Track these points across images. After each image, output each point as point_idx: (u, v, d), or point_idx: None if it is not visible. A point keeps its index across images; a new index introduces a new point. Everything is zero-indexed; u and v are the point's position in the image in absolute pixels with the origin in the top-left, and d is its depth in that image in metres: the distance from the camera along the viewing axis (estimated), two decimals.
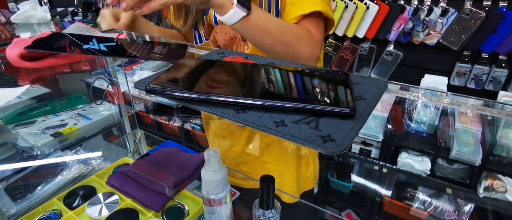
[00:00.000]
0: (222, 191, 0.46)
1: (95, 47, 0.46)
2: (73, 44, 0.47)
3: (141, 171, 0.63)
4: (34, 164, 0.73)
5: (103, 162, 0.76)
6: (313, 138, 0.27)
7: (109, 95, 0.91)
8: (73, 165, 0.72)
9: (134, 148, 0.88)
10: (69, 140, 0.81)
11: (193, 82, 0.35)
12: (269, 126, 0.29)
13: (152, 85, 0.34)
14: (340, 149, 0.25)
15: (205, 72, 0.38)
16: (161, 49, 0.49)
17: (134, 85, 0.39)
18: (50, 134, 0.80)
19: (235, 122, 0.30)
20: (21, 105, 0.86)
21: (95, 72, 0.85)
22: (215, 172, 0.44)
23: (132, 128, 0.91)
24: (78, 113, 0.91)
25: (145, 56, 0.45)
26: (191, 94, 0.32)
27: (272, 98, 0.31)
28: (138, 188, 0.61)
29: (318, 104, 0.30)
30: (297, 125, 0.29)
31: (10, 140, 0.73)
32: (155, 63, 1.82)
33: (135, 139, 0.89)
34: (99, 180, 0.66)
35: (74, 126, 0.84)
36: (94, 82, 0.82)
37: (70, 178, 0.69)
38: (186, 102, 0.32)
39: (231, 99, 0.31)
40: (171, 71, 0.38)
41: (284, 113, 0.30)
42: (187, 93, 0.32)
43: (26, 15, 0.91)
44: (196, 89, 0.32)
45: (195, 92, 0.32)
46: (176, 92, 0.33)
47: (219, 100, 0.31)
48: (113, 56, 0.63)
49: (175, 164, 0.64)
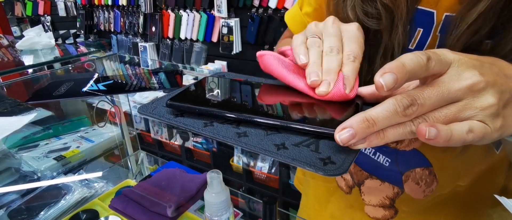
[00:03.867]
0: (225, 213, 0.46)
1: (94, 88, 0.47)
2: (73, 89, 0.48)
3: (144, 193, 0.63)
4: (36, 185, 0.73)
5: (106, 184, 0.76)
6: (313, 161, 0.27)
7: (111, 115, 0.92)
8: (76, 188, 0.72)
9: (137, 170, 0.88)
10: (71, 163, 0.82)
11: (214, 101, 0.36)
12: (270, 149, 0.29)
13: (173, 102, 0.35)
14: (340, 171, 0.26)
15: (225, 92, 0.39)
16: (157, 80, 0.50)
17: (138, 110, 0.40)
18: (53, 157, 0.80)
19: (236, 146, 0.30)
20: (24, 129, 0.87)
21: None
22: (218, 193, 0.44)
23: (134, 148, 0.92)
24: (80, 136, 0.92)
25: (143, 88, 0.47)
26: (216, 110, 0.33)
27: (281, 118, 0.32)
28: (141, 210, 0.61)
29: (318, 126, 0.31)
30: (298, 148, 0.29)
31: (13, 165, 0.73)
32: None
33: (137, 160, 0.90)
34: (101, 204, 0.66)
35: (77, 148, 0.85)
36: (97, 104, 0.83)
37: (73, 202, 0.69)
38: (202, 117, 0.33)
39: (263, 119, 0.32)
40: (190, 91, 0.39)
41: (285, 135, 0.31)
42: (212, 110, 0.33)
43: (31, 42, 0.93)
44: (218, 107, 0.34)
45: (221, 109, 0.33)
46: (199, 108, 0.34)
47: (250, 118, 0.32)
48: (113, 94, 0.64)
49: (177, 186, 0.65)
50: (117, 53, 0.98)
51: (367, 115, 0.24)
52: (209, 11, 1.87)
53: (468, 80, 0.25)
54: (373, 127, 0.24)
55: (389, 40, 0.39)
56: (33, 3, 2.89)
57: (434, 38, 0.39)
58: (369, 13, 0.39)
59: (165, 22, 2.07)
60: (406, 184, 0.47)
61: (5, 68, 0.84)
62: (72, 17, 2.66)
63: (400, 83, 0.24)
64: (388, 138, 0.25)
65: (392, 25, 0.39)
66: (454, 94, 0.25)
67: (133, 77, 0.52)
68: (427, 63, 0.25)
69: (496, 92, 0.25)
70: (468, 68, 0.26)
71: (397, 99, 0.24)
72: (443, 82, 0.25)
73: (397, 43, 0.39)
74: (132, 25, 2.29)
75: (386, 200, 0.50)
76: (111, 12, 2.39)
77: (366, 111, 0.25)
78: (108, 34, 2.50)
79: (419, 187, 0.46)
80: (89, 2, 2.45)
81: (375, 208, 0.51)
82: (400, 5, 0.37)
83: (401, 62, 0.24)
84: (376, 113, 0.24)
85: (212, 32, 1.90)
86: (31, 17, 2.97)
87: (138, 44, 2.25)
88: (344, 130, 0.25)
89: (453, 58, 0.26)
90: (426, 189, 0.46)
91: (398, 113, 0.24)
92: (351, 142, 0.25)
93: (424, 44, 0.39)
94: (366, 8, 0.39)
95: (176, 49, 2.12)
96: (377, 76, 0.24)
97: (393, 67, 0.24)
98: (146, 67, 1.01)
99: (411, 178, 0.46)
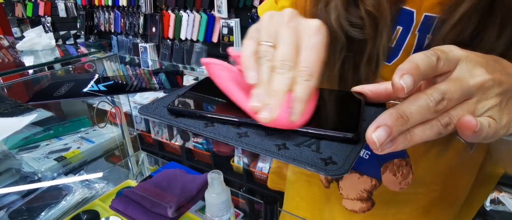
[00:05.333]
0: (226, 213, 0.46)
1: (94, 88, 0.47)
2: (73, 90, 0.48)
3: (145, 193, 0.63)
4: (37, 186, 0.73)
5: (106, 185, 0.76)
6: (314, 161, 0.27)
7: (111, 116, 0.92)
8: (77, 189, 0.72)
9: (137, 170, 0.88)
10: (72, 163, 0.82)
11: (213, 103, 0.36)
12: (271, 149, 0.29)
13: (174, 106, 0.35)
14: (341, 171, 0.26)
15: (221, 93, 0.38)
16: (158, 80, 0.50)
17: (138, 111, 0.40)
18: (53, 158, 0.80)
19: (237, 146, 0.30)
20: (25, 130, 0.87)
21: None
22: (218, 194, 0.44)
23: (135, 149, 0.91)
24: (81, 136, 0.92)
25: (144, 89, 0.47)
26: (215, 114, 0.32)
27: None
28: (141, 211, 0.61)
29: (319, 127, 0.30)
30: (299, 148, 0.29)
31: (14, 166, 0.73)
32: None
33: (137, 161, 0.90)
34: (102, 204, 0.66)
35: (77, 149, 0.85)
36: (98, 104, 0.83)
37: (73, 203, 0.69)
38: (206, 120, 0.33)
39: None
40: (191, 92, 0.39)
41: (286, 136, 0.31)
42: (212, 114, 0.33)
43: (32, 43, 0.93)
44: (217, 110, 0.33)
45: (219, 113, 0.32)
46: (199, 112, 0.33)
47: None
48: (113, 94, 0.64)
49: (178, 186, 0.65)
50: (117, 54, 0.98)
51: (400, 110, 0.23)
52: (209, 12, 1.87)
53: (478, 77, 0.25)
54: (407, 124, 0.23)
55: (374, 47, 0.39)
56: (33, 4, 2.89)
57: (412, 37, 0.39)
58: (353, 24, 0.39)
59: (166, 22, 2.07)
60: (383, 175, 0.47)
61: (6, 69, 0.84)
62: (72, 18, 2.67)
63: (416, 85, 0.24)
64: (415, 139, 0.24)
65: (377, 32, 0.38)
66: (469, 91, 0.25)
67: (133, 77, 0.52)
68: (437, 63, 0.25)
69: (502, 90, 0.26)
70: (476, 66, 0.26)
71: (428, 94, 0.24)
72: (459, 78, 0.25)
73: (382, 49, 0.39)
74: (133, 25, 2.29)
75: (364, 193, 0.50)
76: (111, 13, 2.39)
77: (397, 107, 0.24)
78: (108, 34, 2.50)
79: (396, 178, 0.46)
80: (89, 3, 2.45)
81: (353, 201, 0.51)
82: (384, 12, 0.37)
83: (416, 64, 0.24)
84: (409, 109, 0.23)
85: (212, 33, 1.90)
86: (32, 18, 2.97)
87: (138, 45, 2.25)
88: (379, 128, 0.23)
89: (461, 55, 0.26)
90: (402, 181, 0.46)
91: (430, 108, 0.23)
92: (387, 141, 0.23)
93: (403, 43, 0.40)
94: (350, 18, 0.39)
95: (177, 49, 2.12)
96: (396, 78, 0.23)
97: (410, 68, 0.23)
98: (147, 67, 1.01)
99: (389, 169, 0.46)
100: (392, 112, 0.23)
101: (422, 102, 0.23)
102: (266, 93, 0.28)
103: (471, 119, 0.23)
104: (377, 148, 0.23)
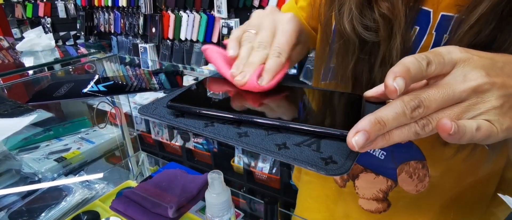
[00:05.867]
0: (226, 213, 0.46)
1: (94, 89, 0.47)
2: (73, 91, 0.48)
3: (145, 194, 0.63)
4: (37, 187, 0.73)
5: (106, 185, 0.76)
6: (315, 161, 0.27)
7: (111, 116, 0.92)
8: (77, 190, 0.72)
9: (137, 171, 0.88)
10: (72, 164, 0.82)
11: (215, 101, 0.36)
12: (271, 149, 0.29)
13: (173, 103, 0.34)
14: (341, 171, 0.26)
15: (226, 92, 0.38)
16: (158, 80, 0.50)
17: (138, 111, 0.40)
18: (53, 159, 0.80)
19: (238, 146, 0.30)
20: (25, 130, 0.87)
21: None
22: (219, 194, 0.44)
23: (135, 149, 0.91)
24: (81, 137, 0.92)
25: (144, 89, 0.47)
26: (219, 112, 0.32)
27: (282, 118, 0.31)
28: (142, 211, 0.61)
29: (318, 126, 0.30)
30: (299, 148, 0.29)
31: (14, 167, 0.73)
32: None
33: (138, 161, 0.90)
34: (102, 205, 0.66)
35: (78, 150, 0.85)
36: (98, 105, 0.83)
37: (74, 203, 0.69)
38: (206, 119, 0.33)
39: (265, 120, 0.31)
40: (191, 92, 0.39)
41: (286, 135, 0.31)
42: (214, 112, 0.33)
43: (31, 43, 0.93)
44: (220, 108, 0.33)
45: (223, 111, 0.32)
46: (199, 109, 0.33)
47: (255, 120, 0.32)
48: (113, 94, 0.64)
49: (178, 187, 0.65)
50: (117, 55, 0.98)
51: (377, 116, 0.25)
52: (209, 12, 1.87)
53: (472, 81, 0.25)
54: (384, 129, 0.25)
55: (387, 50, 0.39)
56: (33, 5, 2.89)
57: (429, 36, 0.39)
58: (367, 27, 0.39)
59: (165, 23, 2.07)
60: (399, 177, 0.47)
61: (6, 70, 0.84)
62: (72, 18, 2.67)
63: (407, 87, 0.25)
64: (394, 139, 0.25)
65: (391, 36, 0.38)
66: (458, 96, 0.25)
67: (133, 78, 0.52)
68: (426, 68, 0.25)
69: (502, 94, 0.25)
70: (474, 69, 0.26)
71: (405, 101, 0.25)
72: (448, 83, 0.25)
73: (395, 52, 0.38)
74: (132, 26, 2.29)
75: (380, 193, 0.50)
76: (111, 13, 2.39)
77: (375, 112, 0.25)
78: (108, 35, 2.51)
79: (412, 180, 0.46)
80: (89, 3, 2.45)
81: (369, 201, 0.51)
82: (398, 14, 0.37)
83: (406, 67, 0.25)
84: (386, 115, 0.25)
85: (212, 33, 1.90)
86: (32, 19, 2.97)
87: (138, 45, 2.25)
88: (359, 133, 0.24)
89: (459, 58, 0.26)
90: (418, 183, 0.46)
91: (406, 115, 0.25)
92: (366, 144, 0.24)
93: (420, 42, 0.39)
94: (364, 21, 0.39)
95: (176, 50, 2.12)
96: (389, 80, 0.25)
97: (402, 71, 0.25)
98: (147, 68, 1.01)
99: (405, 171, 0.46)
100: (371, 117, 0.25)
101: (399, 109, 0.25)
102: (243, 64, 0.35)
103: (446, 122, 0.24)
104: (356, 150, 0.25)
